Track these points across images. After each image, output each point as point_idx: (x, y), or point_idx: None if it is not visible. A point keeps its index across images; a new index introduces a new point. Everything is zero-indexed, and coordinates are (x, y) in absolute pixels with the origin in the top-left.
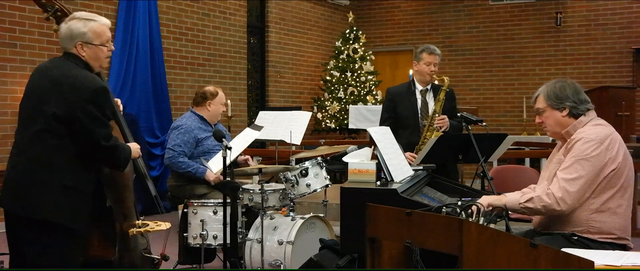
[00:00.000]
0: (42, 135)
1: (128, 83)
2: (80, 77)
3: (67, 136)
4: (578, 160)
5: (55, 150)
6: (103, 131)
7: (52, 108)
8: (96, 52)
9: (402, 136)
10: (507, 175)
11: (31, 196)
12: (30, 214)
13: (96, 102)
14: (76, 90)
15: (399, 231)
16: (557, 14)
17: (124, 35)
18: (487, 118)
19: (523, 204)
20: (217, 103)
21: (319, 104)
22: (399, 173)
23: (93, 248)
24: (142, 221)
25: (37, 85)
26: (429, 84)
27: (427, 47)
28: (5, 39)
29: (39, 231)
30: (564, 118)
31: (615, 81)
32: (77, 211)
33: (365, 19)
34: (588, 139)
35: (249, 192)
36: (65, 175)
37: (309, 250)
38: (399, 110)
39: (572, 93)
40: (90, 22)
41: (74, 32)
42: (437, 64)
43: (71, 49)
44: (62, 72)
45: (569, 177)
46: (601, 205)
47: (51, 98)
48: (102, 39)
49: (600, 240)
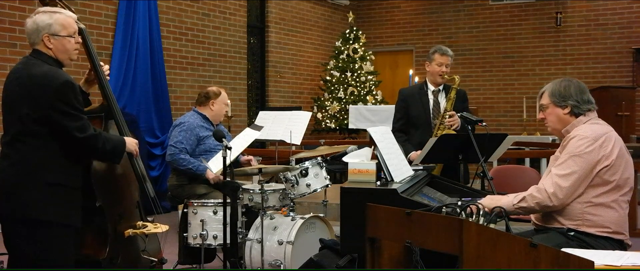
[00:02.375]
0: (21, 137)
1: (128, 83)
2: (44, 75)
3: (46, 135)
4: (572, 156)
5: (35, 150)
6: (76, 124)
7: (23, 111)
8: (63, 43)
9: (414, 136)
10: (507, 175)
11: (19, 197)
12: (20, 214)
13: (62, 97)
14: (41, 89)
15: (399, 231)
16: (557, 14)
17: (124, 35)
18: (487, 118)
19: (516, 205)
20: (220, 103)
21: (319, 104)
22: (399, 173)
23: (84, 246)
24: (142, 222)
25: (8, 89)
26: (441, 85)
27: (439, 48)
28: (5, 39)
29: (32, 231)
30: (565, 115)
31: (615, 81)
32: (66, 207)
33: (365, 19)
34: (582, 136)
35: (249, 191)
36: (48, 173)
37: (309, 250)
38: (411, 110)
39: (575, 92)
40: (55, 14)
41: (39, 24)
42: (449, 65)
43: (38, 43)
44: (27, 72)
45: (562, 173)
46: (594, 200)
47: (21, 101)
48: (69, 30)
49: (596, 234)
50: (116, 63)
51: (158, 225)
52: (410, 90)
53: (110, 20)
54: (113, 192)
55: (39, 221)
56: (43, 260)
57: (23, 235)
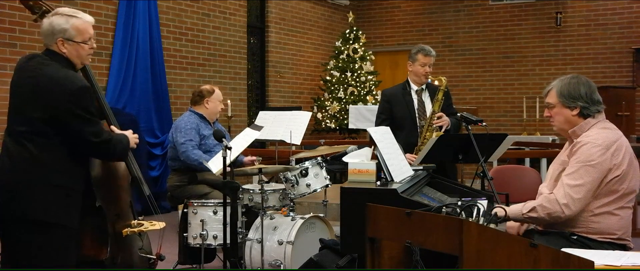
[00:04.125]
0: (28, 136)
1: (128, 83)
2: (61, 78)
3: (55, 136)
4: (583, 166)
5: (43, 151)
6: (92, 129)
7: (34, 112)
8: (77, 49)
9: (399, 137)
10: (507, 175)
11: (24, 197)
12: (24, 215)
13: (78, 101)
14: (56, 93)
15: (399, 231)
16: (557, 14)
17: (124, 35)
18: (487, 118)
19: (526, 214)
20: (215, 101)
21: (319, 104)
22: (399, 173)
23: (85, 248)
24: (137, 221)
25: (18, 86)
26: (424, 84)
27: (422, 48)
28: (5, 39)
29: (34, 232)
30: (573, 117)
31: (615, 81)
32: (68, 209)
33: (365, 19)
34: (595, 144)
35: (249, 191)
36: (54, 174)
37: (309, 250)
38: (395, 111)
39: (585, 92)
40: (72, 18)
41: (55, 28)
42: (432, 64)
43: (52, 45)
44: (41, 72)
45: (574, 183)
46: (601, 208)
47: (32, 102)
48: (84, 36)
49: (600, 240)
50: (116, 63)
51: (154, 222)
52: (393, 90)
53: (110, 20)
54: (110, 191)
55: (42, 222)
56: (42, 261)
57: (24, 235)
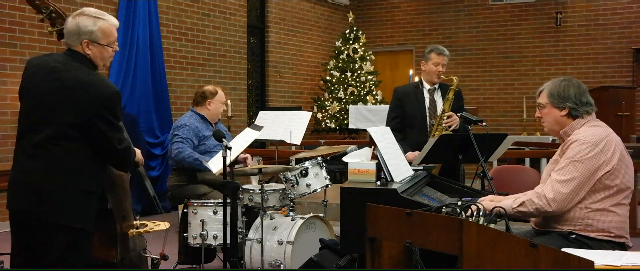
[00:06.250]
0: (56, 140)
1: (128, 83)
2: (94, 83)
3: (81, 139)
4: (572, 161)
5: (71, 155)
6: (118, 135)
7: (65, 116)
8: (101, 51)
9: (410, 135)
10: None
11: (53, 201)
12: (53, 219)
13: (111, 107)
14: (91, 97)
15: (399, 231)
16: (557, 14)
17: (124, 35)
18: (487, 118)
19: (516, 208)
20: (217, 102)
21: (319, 104)
22: (399, 173)
23: (95, 250)
24: (140, 221)
25: (44, 87)
26: (437, 83)
27: (436, 47)
28: (5, 39)
29: (60, 235)
30: (562, 117)
31: (615, 81)
32: (90, 213)
33: (365, 19)
34: (583, 141)
35: (249, 191)
36: (84, 179)
37: (309, 250)
38: (406, 109)
39: (575, 94)
40: (99, 20)
41: (82, 29)
42: (445, 64)
43: (76, 45)
44: (70, 75)
45: (562, 179)
46: (596, 205)
47: (64, 105)
48: (109, 39)
49: (598, 238)
50: (116, 63)
51: (158, 223)
52: (405, 88)
53: None
54: (118, 194)
55: (68, 228)
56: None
57: (49, 238)
